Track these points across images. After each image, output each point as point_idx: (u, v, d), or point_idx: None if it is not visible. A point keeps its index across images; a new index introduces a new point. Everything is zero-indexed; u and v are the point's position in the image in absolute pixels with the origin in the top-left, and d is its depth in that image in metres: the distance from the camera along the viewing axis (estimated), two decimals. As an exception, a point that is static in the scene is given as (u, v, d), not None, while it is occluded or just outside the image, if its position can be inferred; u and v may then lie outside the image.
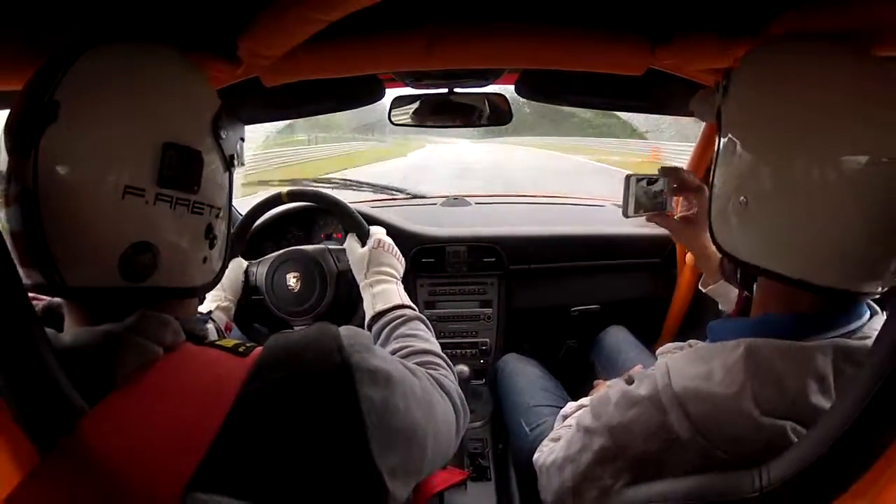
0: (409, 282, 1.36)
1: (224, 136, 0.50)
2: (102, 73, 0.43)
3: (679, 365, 0.52)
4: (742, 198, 0.51)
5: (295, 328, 1.03)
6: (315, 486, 0.40)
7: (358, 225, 0.88)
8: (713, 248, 0.79)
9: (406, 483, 0.45)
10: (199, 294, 0.52)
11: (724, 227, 0.55)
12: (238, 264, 1.01)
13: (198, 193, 0.47)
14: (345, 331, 0.46)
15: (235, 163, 0.53)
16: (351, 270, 0.86)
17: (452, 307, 1.35)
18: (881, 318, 0.52)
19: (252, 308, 1.03)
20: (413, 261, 1.32)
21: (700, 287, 0.87)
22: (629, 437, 0.53)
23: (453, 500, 0.96)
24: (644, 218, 0.85)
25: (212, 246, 0.50)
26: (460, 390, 0.60)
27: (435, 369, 0.60)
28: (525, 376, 1.14)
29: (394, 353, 0.63)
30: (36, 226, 0.40)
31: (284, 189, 0.97)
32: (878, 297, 0.50)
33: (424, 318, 0.74)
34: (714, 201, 0.56)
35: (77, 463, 0.35)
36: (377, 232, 0.86)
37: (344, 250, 0.91)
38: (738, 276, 0.62)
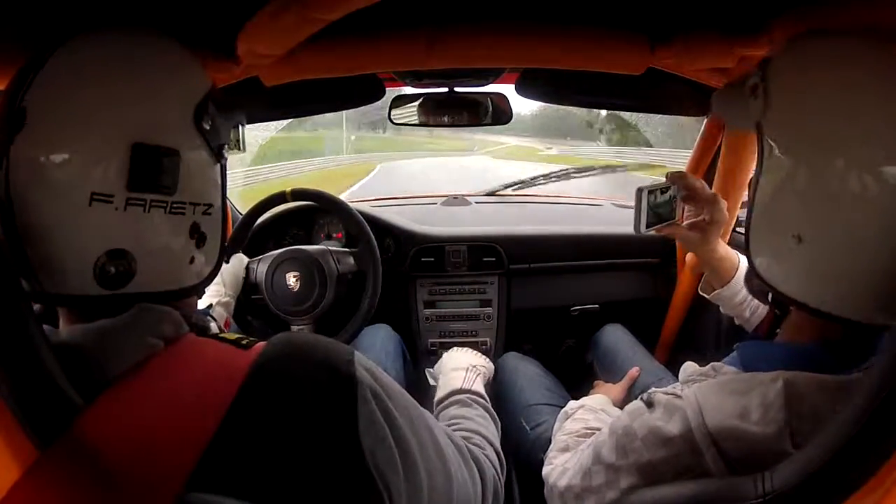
0: (408, 281, 1.36)
1: (209, 126, 0.46)
2: (68, 73, 0.41)
3: (711, 399, 0.49)
4: (796, 234, 0.46)
5: (293, 328, 1.03)
6: (313, 489, 0.39)
7: (366, 238, 0.89)
8: (722, 252, 0.77)
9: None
10: (193, 294, 0.50)
11: (767, 257, 0.50)
12: (239, 260, 1.01)
13: (176, 193, 0.44)
14: (360, 354, 0.44)
15: (225, 153, 0.50)
16: (350, 273, 0.86)
17: (452, 306, 1.35)
18: None
19: (250, 306, 1.03)
20: (413, 260, 1.32)
21: (700, 291, 0.85)
22: (659, 475, 0.51)
23: None
24: (654, 231, 0.78)
25: (200, 245, 0.47)
26: (499, 481, 0.58)
27: (478, 447, 0.59)
28: (525, 375, 1.14)
29: (448, 423, 0.63)
30: (12, 235, 0.40)
31: (289, 188, 0.97)
32: None
33: (489, 406, 0.71)
34: (756, 223, 0.51)
35: (75, 459, 0.35)
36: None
37: (345, 252, 0.91)
38: (771, 298, 0.57)
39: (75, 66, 0.41)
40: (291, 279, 0.99)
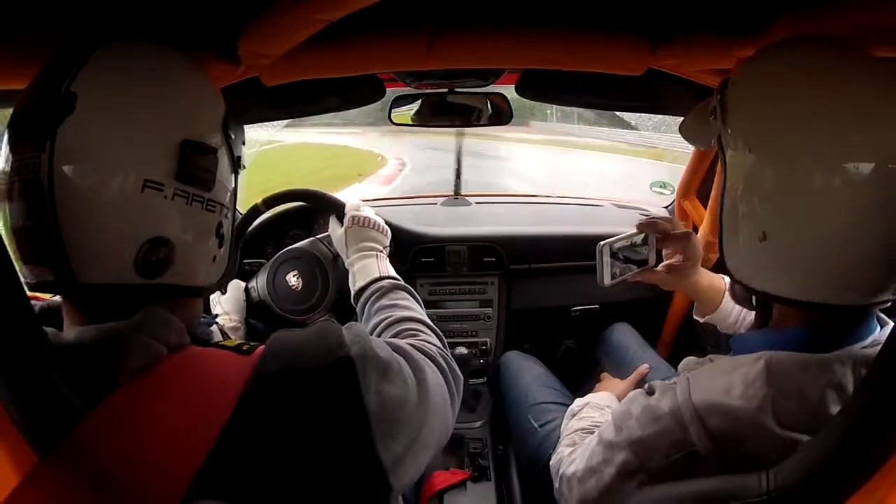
0: (408, 281, 1.35)
1: (233, 136, 0.51)
2: (120, 67, 0.43)
3: (700, 379, 0.52)
4: (760, 232, 0.50)
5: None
6: (318, 483, 0.39)
7: (333, 205, 0.87)
8: (706, 282, 0.80)
9: (411, 467, 0.45)
10: (205, 294, 0.53)
11: (738, 258, 0.54)
12: (236, 286, 1.00)
13: (212, 191, 0.47)
14: (346, 328, 0.46)
15: (241, 164, 0.54)
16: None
17: (452, 307, 1.35)
18: (890, 326, 0.52)
19: (254, 311, 1.02)
20: (413, 260, 1.32)
21: (694, 316, 0.86)
22: (650, 451, 0.53)
23: (453, 500, 0.96)
24: (628, 279, 0.79)
25: (220, 245, 0.51)
26: (447, 353, 0.58)
27: (415, 335, 0.59)
28: (529, 374, 1.14)
29: (374, 328, 0.63)
30: (49, 221, 0.40)
31: (259, 199, 0.97)
32: (888, 306, 0.50)
33: (406, 285, 0.72)
34: (726, 229, 0.55)
35: (75, 465, 0.34)
36: (353, 208, 0.83)
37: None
38: (754, 300, 0.60)
39: (122, 62, 0.44)
40: (293, 279, 1.00)
